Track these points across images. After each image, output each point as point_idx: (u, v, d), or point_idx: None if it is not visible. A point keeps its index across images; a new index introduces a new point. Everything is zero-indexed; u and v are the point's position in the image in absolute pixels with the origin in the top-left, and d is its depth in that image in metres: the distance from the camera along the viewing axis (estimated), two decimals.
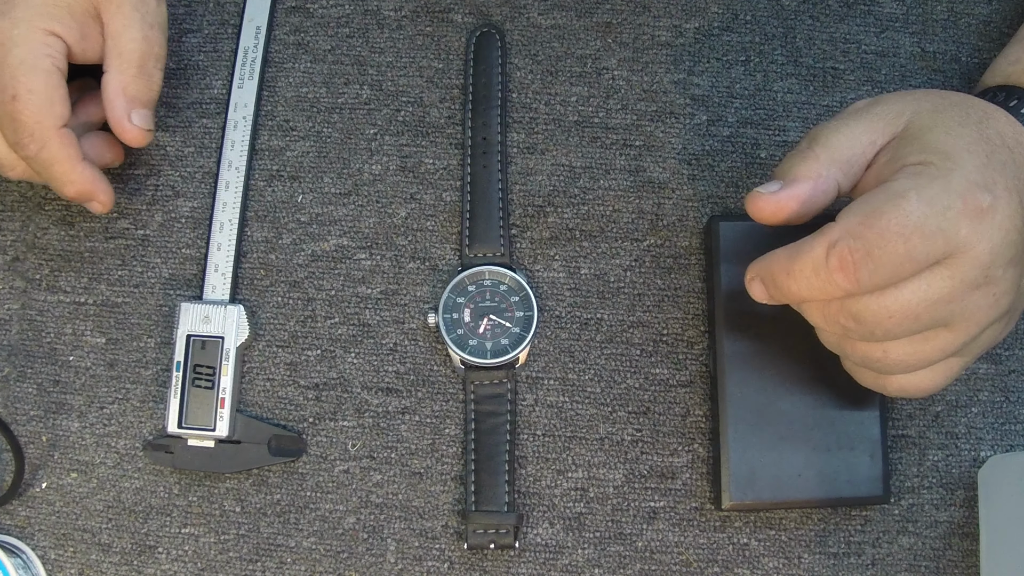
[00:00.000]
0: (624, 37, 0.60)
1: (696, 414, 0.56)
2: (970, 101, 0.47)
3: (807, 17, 0.61)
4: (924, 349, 0.45)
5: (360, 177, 0.59)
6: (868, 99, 0.48)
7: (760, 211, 0.47)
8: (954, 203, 0.42)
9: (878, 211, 0.42)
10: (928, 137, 0.45)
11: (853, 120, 0.47)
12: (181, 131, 0.60)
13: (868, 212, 0.42)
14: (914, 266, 0.42)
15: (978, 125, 0.45)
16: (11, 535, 0.56)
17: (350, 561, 0.55)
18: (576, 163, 0.59)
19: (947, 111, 0.46)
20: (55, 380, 0.58)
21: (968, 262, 0.42)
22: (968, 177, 0.43)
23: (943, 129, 0.45)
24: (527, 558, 0.55)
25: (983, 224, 0.42)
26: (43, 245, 0.59)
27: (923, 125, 0.45)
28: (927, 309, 0.43)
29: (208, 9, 0.62)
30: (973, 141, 0.44)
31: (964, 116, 0.46)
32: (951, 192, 0.42)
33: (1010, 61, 0.53)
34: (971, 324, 0.44)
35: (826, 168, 0.46)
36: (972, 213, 0.42)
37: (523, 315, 0.56)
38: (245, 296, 0.58)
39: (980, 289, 0.43)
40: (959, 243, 0.42)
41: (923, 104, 0.47)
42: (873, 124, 0.46)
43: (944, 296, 0.43)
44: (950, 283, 0.43)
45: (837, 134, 0.47)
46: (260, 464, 0.55)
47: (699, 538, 0.55)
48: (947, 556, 0.54)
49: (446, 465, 0.56)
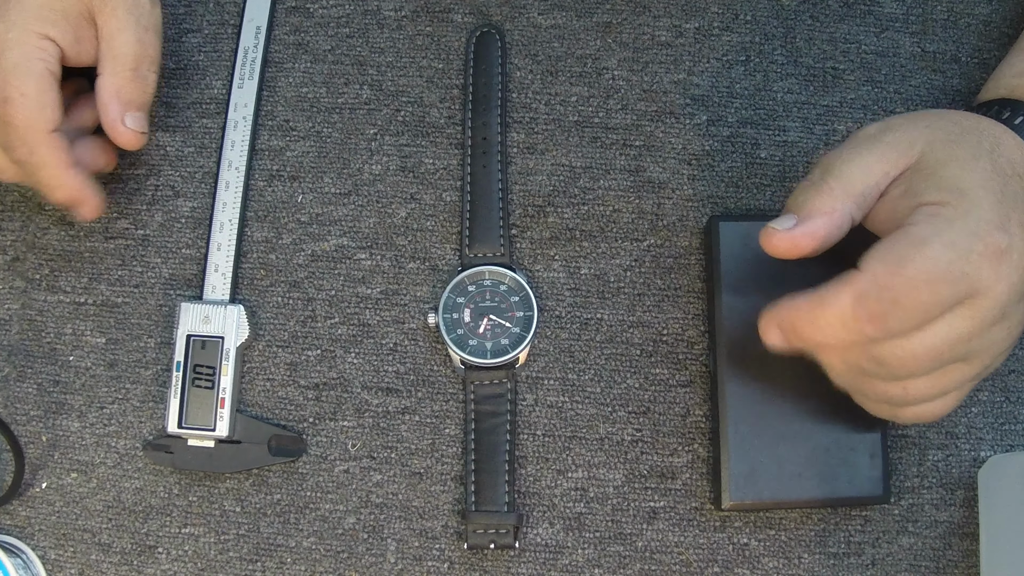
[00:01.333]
0: (624, 37, 0.60)
1: (696, 414, 0.56)
2: (981, 127, 0.47)
3: (807, 17, 0.61)
4: (942, 382, 0.45)
5: (360, 177, 0.59)
6: (879, 124, 0.47)
7: (775, 248, 0.46)
8: (975, 246, 0.42)
9: (905, 259, 0.42)
10: (943, 173, 0.44)
11: (866, 150, 0.46)
12: (181, 131, 0.60)
13: (894, 260, 0.42)
14: (940, 310, 0.43)
15: (990, 155, 0.45)
16: (11, 535, 0.56)
17: (350, 561, 0.55)
18: (576, 163, 0.59)
19: (960, 142, 0.46)
20: (55, 380, 0.58)
21: (988, 303, 0.43)
22: (985, 218, 0.43)
23: (957, 164, 0.45)
24: (527, 558, 0.55)
25: (1002, 265, 0.43)
26: (43, 245, 0.59)
27: (937, 159, 0.45)
28: (950, 348, 0.44)
29: (208, 9, 0.62)
30: (987, 176, 0.44)
31: (977, 146, 0.45)
32: (972, 235, 0.43)
33: (1015, 73, 0.53)
34: (987, 356, 0.45)
35: (841, 202, 0.46)
36: (992, 255, 0.43)
37: (523, 315, 0.56)
38: (245, 296, 0.58)
39: (997, 325, 0.44)
40: (981, 285, 0.43)
41: (936, 133, 0.46)
42: (886, 154, 0.46)
43: (964, 336, 0.43)
44: (971, 323, 0.43)
45: (851, 165, 0.46)
46: (260, 464, 0.55)
47: (699, 538, 0.55)
48: (947, 556, 0.54)
49: (446, 465, 0.56)
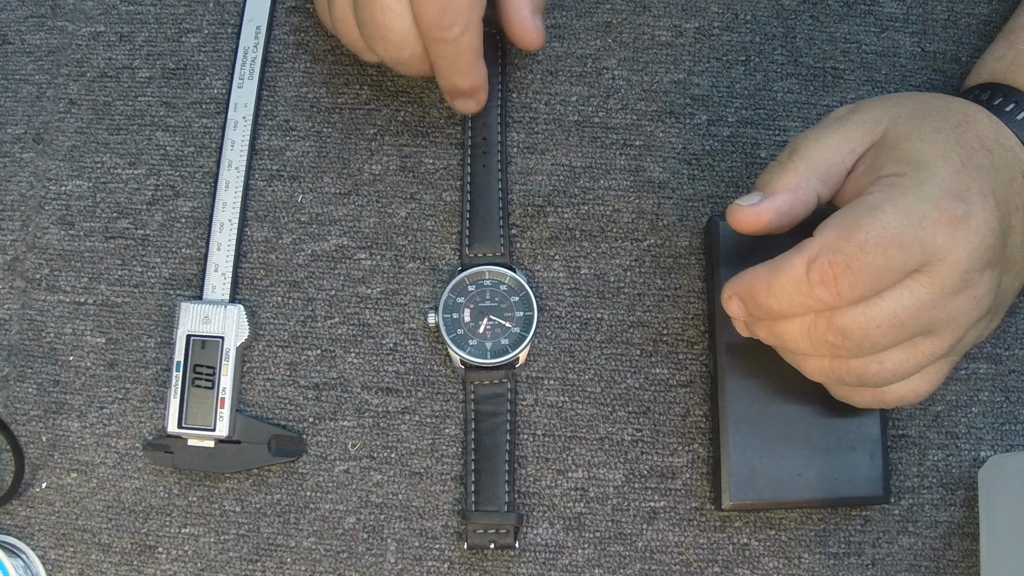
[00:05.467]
0: (624, 37, 0.60)
1: (696, 414, 0.56)
2: (950, 104, 0.47)
3: (807, 17, 0.61)
4: (915, 355, 0.46)
5: (360, 177, 0.59)
6: (849, 106, 0.49)
7: (739, 223, 0.47)
8: (929, 212, 0.43)
9: (855, 224, 0.43)
10: (903, 146, 0.45)
11: (832, 129, 0.47)
12: (181, 131, 0.60)
13: (846, 226, 0.43)
14: (894, 276, 0.43)
15: (955, 129, 0.46)
16: (11, 535, 0.56)
17: (350, 561, 0.55)
18: (576, 163, 0.59)
19: (925, 117, 0.46)
20: (55, 380, 0.58)
21: (946, 269, 0.43)
22: (941, 186, 0.43)
23: (918, 136, 0.45)
24: (527, 558, 0.55)
25: (958, 232, 0.43)
26: (43, 245, 0.59)
27: (900, 134, 0.46)
28: (912, 316, 0.44)
29: (208, 9, 0.62)
30: (949, 147, 0.45)
31: (942, 121, 0.46)
32: (925, 202, 0.43)
33: (995, 57, 0.53)
34: (955, 327, 0.45)
35: (805, 179, 0.47)
36: (947, 222, 0.43)
37: (523, 315, 0.56)
38: (245, 296, 0.58)
39: (960, 294, 0.44)
40: (936, 251, 0.43)
41: (901, 110, 0.47)
42: (851, 132, 0.47)
43: (927, 303, 0.44)
44: (930, 289, 0.43)
45: (816, 144, 0.47)
46: (260, 464, 0.55)
47: (699, 538, 0.55)
48: (947, 556, 0.54)
49: (446, 465, 0.56)
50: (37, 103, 0.61)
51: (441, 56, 0.52)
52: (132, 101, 0.61)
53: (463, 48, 0.51)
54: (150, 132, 0.60)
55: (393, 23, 0.51)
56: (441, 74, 0.53)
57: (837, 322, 0.44)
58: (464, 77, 0.53)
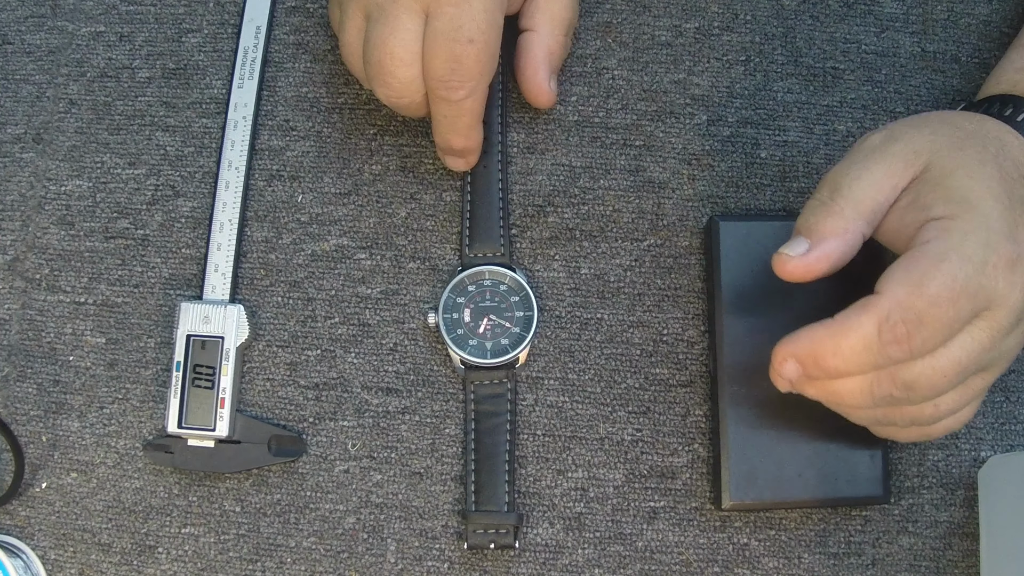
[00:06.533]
0: (624, 37, 0.60)
1: (696, 414, 0.56)
2: (984, 129, 0.47)
3: (807, 17, 0.60)
4: (967, 393, 0.46)
5: (360, 177, 0.59)
6: (882, 133, 0.47)
7: (790, 274, 0.46)
8: (989, 258, 0.43)
9: (925, 278, 0.42)
10: (950, 183, 0.44)
11: (872, 163, 0.46)
12: (181, 131, 0.60)
13: (915, 280, 0.42)
14: (961, 324, 0.43)
15: (996, 160, 0.45)
16: (11, 535, 0.56)
17: (350, 561, 0.55)
18: (576, 163, 0.59)
19: (965, 147, 0.45)
20: (55, 380, 0.58)
21: (1003, 312, 0.43)
22: (995, 228, 0.43)
23: (964, 172, 0.44)
24: (527, 558, 0.55)
25: (1015, 274, 0.43)
26: (43, 245, 0.59)
27: (944, 168, 0.45)
28: (973, 360, 0.44)
29: (208, 9, 0.62)
30: (994, 181, 0.44)
31: (983, 151, 0.45)
32: (986, 247, 0.43)
33: (1016, 68, 0.53)
34: (1004, 362, 0.46)
35: (852, 222, 0.45)
36: (1006, 265, 0.43)
37: (523, 315, 0.56)
38: (245, 296, 0.58)
39: (1013, 332, 0.45)
40: (997, 296, 0.43)
41: (941, 139, 0.46)
42: (893, 166, 0.45)
43: (986, 346, 0.44)
44: (989, 333, 0.44)
45: (860, 183, 0.45)
46: (260, 464, 0.55)
47: (699, 538, 0.55)
48: (947, 556, 0.54)
49: (446, 465, 0.56)
50: (37, 103, 0.61)
51: (442, 114, 0.52)
52: (132, 101, 0.61)
53: (465, 110, 0.52)
54: (150, 132, 0.60)
55: (399, 72, 0.50)
56: (438, 130, 0.54)
57: (903, 376, 0.44)
58: (459, 138, 0.53)
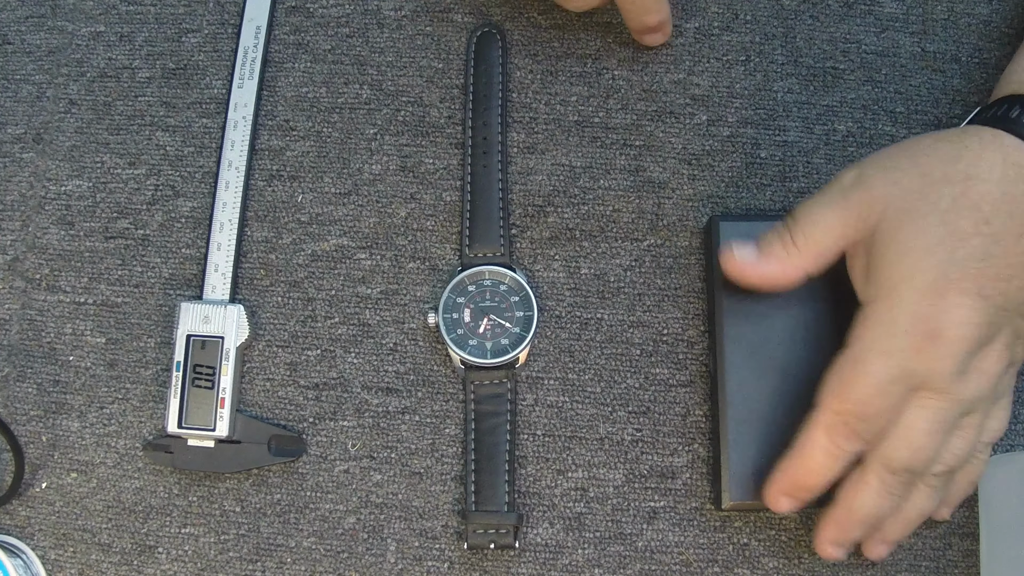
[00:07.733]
0: (624, 37, 0.60)
1: (696, 414, 0.56)
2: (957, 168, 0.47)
3: (807, 17, 0.61)
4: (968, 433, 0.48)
5: (360, 177, 0.59)
6: (853, 171, 0.49)
7: (726, 270, 0.51)
8: (902, 344, 0.45)
9: (848, 384, 0.46)
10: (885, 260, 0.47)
11: (833, 209, 0.49)
12: (181, 131, 0.60)
13: (842, 387, 0.47)
14: (902, 401, 0.46)
15: (947, 212, 0.46)
16: (11, 535, 0.56)
17: (350, 561, 0.55)
18: (576, 163, 0.59)
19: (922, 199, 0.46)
20: (55, 380, 0.58)
21: (939, 380, 0.46)
22: (909, 311, 0.45)
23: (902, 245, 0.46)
24: (527, 558, 0.55)
25: (935, 349, 0.45)
26: (43, 245, 0.59)
27: (887, 235, 0.47)
28: (940, 421, 0.46)
29: (208, 9, 0.62)
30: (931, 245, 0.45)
31: (936, 200, 0.46)
32: (905, 334, 0.45)
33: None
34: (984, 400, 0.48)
35: (799, 259, 0.49)
36: (919, 347, 0.45)
37: (523, 315, 0.56)
38: (245, 296, 0.58)
39: (967, 381, 0.46)
40: (925, 371, 0.45)
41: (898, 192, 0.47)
42: (847, 218, 0.48)
43: (944, 407, 0.46)
44: (938, 400, 0.46)
45: (815, 227, 0.49)
46: (260, 464, 0.55)
47: (699, 538, 0.55)
48: (947, 556, 0.54)
49: (446, 465, 0.56)
50: (37, 103, 0.61)
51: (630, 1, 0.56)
52: (132, 101, 0.61)
53: None
54: (150, 132, 0.60)
55: None
56: (630, 16, 0.57)
57: (886, 462, 0.47)
58: (652, 15, 0.57)
